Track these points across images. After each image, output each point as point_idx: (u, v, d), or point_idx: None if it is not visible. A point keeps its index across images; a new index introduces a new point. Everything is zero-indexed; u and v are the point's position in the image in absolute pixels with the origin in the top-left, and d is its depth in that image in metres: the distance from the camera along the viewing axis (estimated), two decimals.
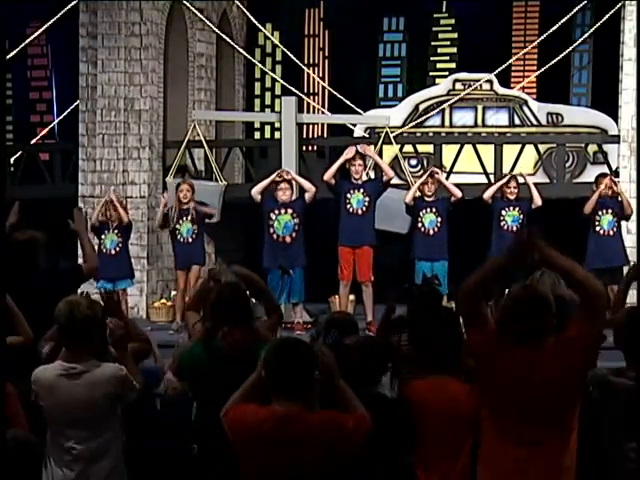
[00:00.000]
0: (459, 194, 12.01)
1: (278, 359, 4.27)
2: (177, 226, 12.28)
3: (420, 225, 12.04)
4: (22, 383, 5.15)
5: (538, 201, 12.07)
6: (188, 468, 5.52)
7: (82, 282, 6.80)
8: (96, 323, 5.02)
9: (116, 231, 12.20)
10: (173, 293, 13.25)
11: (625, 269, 11.88)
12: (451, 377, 5.24)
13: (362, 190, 11.87)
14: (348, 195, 11.89)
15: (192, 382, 5.47)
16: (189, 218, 12.26)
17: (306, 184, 11.98)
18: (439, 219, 12.01)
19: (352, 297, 12.39)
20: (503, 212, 12.04)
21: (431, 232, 12.01)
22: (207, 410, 5.30)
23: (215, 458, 4.98)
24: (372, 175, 13.20)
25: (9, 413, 5.04)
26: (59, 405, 4.94)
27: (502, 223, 12.03)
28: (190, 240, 12.28)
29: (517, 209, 12.03)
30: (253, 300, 5.82)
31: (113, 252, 12.17)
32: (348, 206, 11.89)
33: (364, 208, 11.88)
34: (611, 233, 11.81)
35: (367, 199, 11.87)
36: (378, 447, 4.63)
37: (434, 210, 12.02)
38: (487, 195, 12.10)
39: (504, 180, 12.15)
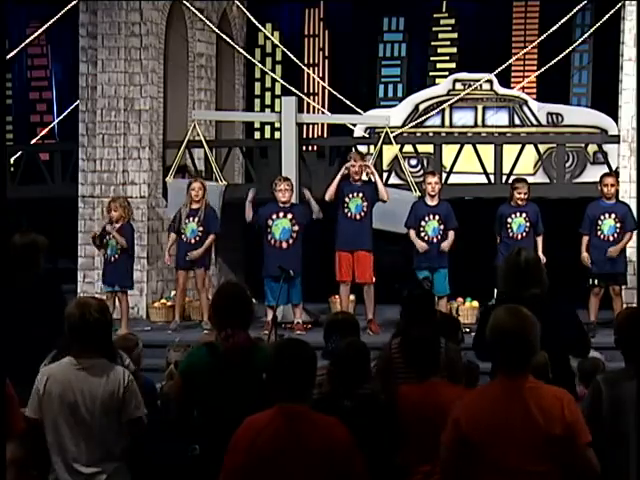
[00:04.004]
0: (385, 197, 11.70)
1: (280, 360, 4.28)
2: (183, 225, 12.22)
3: (423, 234, 11.78)
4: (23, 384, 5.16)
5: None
6: (189, 468, 5.52)
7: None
8: (106, 324, 5.07)
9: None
10: (173, 293, 13.25)
11: (628, 272, 11.87)
12: (440, 379, 5.28)
13: (361, 194, 11.75)
14: (347, 199, 11.76)
15: (193, 382, 5.48)
16: (196, 219, 12.18)
17: (316, 209, 11.84)
18: (442, 227, 11.73)
19: (352, 297, 12.38)
20: (509, 219, 11.74)
21: (434, 240, 11.74)
22: (207, 410, 5.32)
23: (216, 458, 4.98)
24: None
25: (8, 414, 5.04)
26: (63, 403, 4.94)
27: (508, 230, 11.74)
28: (193, 241, 12.16)
29: (524, 216, 11.71)
30: (254, 300, 5.84)
31: (113, 259, 11.93)
32: (346, 210, 11.77)
33: (362, 213, 11.75)
34: (611, 239, 11.49)
35: (365, 204, 11.74)
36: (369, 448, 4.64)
37: (437, 217, 11.75)
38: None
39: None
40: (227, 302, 5.40)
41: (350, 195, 11.78)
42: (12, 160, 14.41)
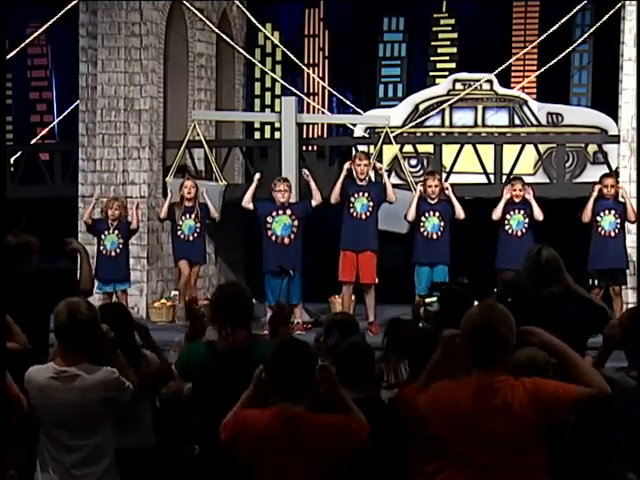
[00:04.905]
0: (462, 215, 11.79)
1: (279, 360, 4.28)
2: (179, 222, 12.29)
3: (423, 229, 11.85)
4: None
5: (539, 216, 11.78)
6: (189, 468, 5.51)
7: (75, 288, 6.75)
8: (94, 325, 5.01)
9: (116, 232, 12.14)
10: (173, 293, 13.24)
11: (628, 271, 11.88)
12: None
13: (367, 194, 11.76)
14: (352, 199, 11.78)
15: (192, 381, 5.47)
16: (192, 216, 12.28)
17: (317, 195, 11.87)
18: (442, 223, 11.78)
19: (352, 297, 12.37)
20: (508, 216, 11.82)
21: (434, 236, 11.80)
22: (207, 409, 5.30)
23: (216, 458, 4.98)
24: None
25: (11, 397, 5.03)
26: (50, 407, 4.92)
27: (507, 227, 11.82)
28: (191, 238, 12.33)
29: (522, 212, 11.78)
30: (254, 300, 5.83)
31: (113, 254, 12.11)
32: (352, 210, 11.79)
33: (368, 213, 11.76)
34: (612, 234, 11.61)
35: (371, 204, 11.75)
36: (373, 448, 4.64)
37: (437, 214, 11.80)
38: (497, 216, 11.81)
39: (507, 196, 11.87)
40: (227, 300, 5.39)
41: (355, 195, 11.79)
42: (12, 160, 14.41)
